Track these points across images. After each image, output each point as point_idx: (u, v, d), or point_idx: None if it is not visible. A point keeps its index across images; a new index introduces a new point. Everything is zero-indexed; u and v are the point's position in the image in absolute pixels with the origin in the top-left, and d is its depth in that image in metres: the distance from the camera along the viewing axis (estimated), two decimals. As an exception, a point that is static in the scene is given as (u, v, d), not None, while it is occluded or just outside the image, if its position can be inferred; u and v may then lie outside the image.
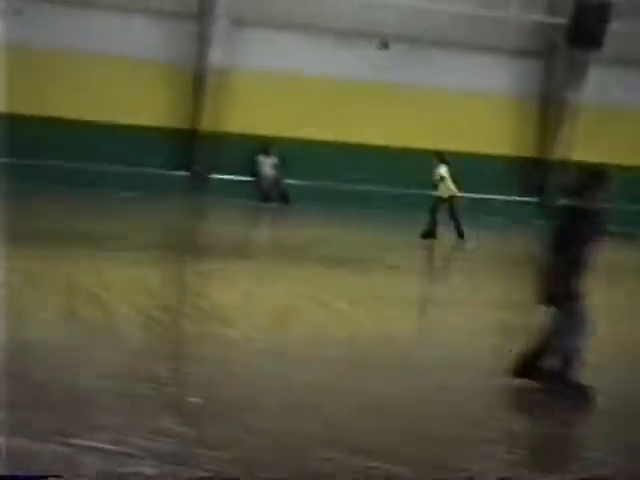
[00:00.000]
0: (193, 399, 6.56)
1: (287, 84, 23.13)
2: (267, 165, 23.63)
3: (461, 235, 18.29)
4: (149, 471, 5.10)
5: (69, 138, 22.00)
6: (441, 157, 18.50)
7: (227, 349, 8.22)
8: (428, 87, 23.91)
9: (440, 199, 18.29)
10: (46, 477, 4.29)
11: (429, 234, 18.07)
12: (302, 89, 23.28)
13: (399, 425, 6.48)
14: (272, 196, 23.61)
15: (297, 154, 22.97)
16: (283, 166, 23.31)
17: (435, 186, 18.39)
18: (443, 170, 18.26)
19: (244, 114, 22.94)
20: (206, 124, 23.32)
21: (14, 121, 21.31)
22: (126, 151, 22.31)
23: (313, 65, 23.14)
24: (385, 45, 23.88)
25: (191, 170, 23.35)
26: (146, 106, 22.74)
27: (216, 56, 22.88)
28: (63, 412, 5.99)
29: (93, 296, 9.78)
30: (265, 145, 23.48)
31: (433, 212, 18.15)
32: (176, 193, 22.58)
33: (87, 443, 5.41)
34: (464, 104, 24.03)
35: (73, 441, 5.44)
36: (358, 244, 16.92)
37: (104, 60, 22.17)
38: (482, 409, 7.09)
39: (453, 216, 18.31)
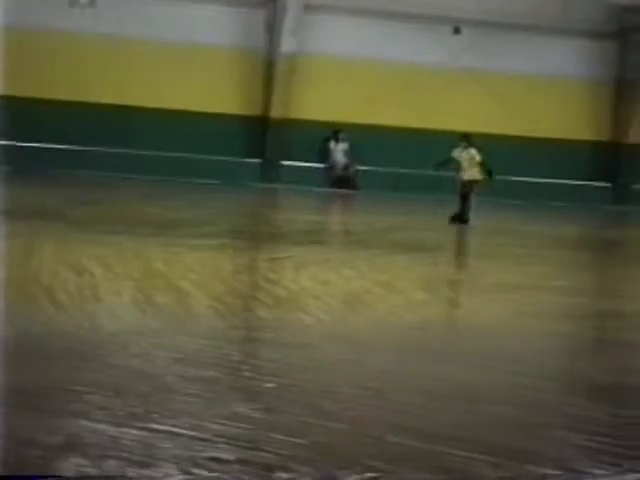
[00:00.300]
0: (267, 384, 6.59)
1: (359, 70, 23.09)
2: (338, 151, 23.61)
3: (465, 220, 17.68)
4: (225, 456, 5.13)
5: (144, 125, 22.21)
6: (469, 139, 18.23)
7: (301, 335, 8.24)
8: (502, 71, 23.72)
9: (465, 182, 17.95)
10: (46, 477, 4.32)
11: (459, 218, 17.72)
12: (374, 75, 23.21)
13: (474, 412, 6.44)
14: (343, 182, 23.61)
15: (368, 140, 22.94)
16: (354, 152, 23.27)
17: (459, 169, 18.06)
18: (474, 152, 17.97)
19: (315, 100, 22.97)
20: (277, 111, 23.37)
21: (102, 111, 21.59)
22: (198, 139, 22.47)
23: (385, 50, 23.06)
24: (459, 30, 23.70)
25: (262, 157, 23.42)
26: (217, 94, 22.87)
27: (287, 42, 22.91)
28: (141, 397, 6.05)
29: (168, 282, 9.88)
30: (336, 131, 23.46)
31: (463, 196, 17.88)
32: (248, 180, 22.69)
33: (165, 428, 5.46)
34: (538, 88, 23.78)
35: (152, 426, 5.49)
36: (431, 230, 16.86)
37: (176, 48, 22.31)
38: (561, 395, 7.02)
39: (466, 200, 17.79)
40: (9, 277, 9.54)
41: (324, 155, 23.65)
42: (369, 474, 5.03)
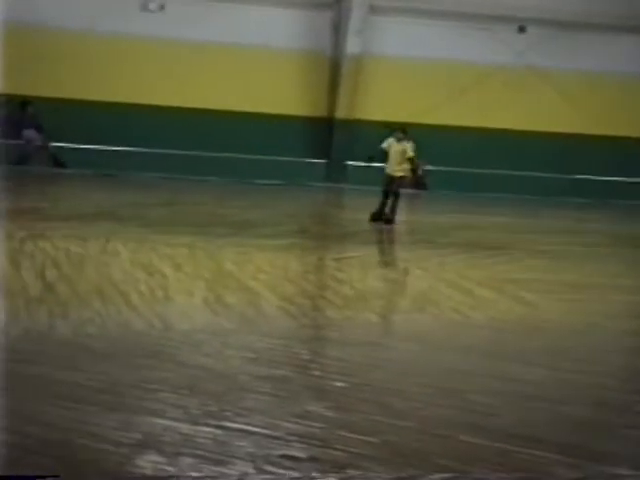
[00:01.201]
0: (337, 383, 6.62)
1: (424, 70, 23.04)
2: (403, 152, 23.56)
3: (389, 221, 15.95)
4: (298, 454, 5.17)
5: (210, 127, 22.37)
6: (405, 131, 16.34)
7: (369, 334, 8.27)
8: (567, 70, 23.51)
9: (393, 177, 16.08)
10: (45, 477, 4.37)
11: (378, 216, 16.13)
12: (439, 75, 23.15)
13: (544, 411, 6.40)
14: (408, 183, 23.55)
15: (433, 140, 22.87)
16: (420, 153, 23.23)
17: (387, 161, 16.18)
18: (408, 146, 16.14)
19: (380, 101, 22.96)
20: (342, 112, 23.40)
21: (167, 113, 21.82)
22: (263, 140, 22.57)
23: (450, 50, 22.98)
24: (524, 29, 23.55)
25: (328, 158, 23.46)
26: (283, 95, 22.96)
27: (352, 44, 22.92)
28: (215, 396, 6.12)
29: (239, 282, 9.96)
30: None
31: (387, 193, 16.03)
32: (313, 180, 22.74)
33: (238, 426, 5.53)
34: (603, 86, 23.54)
35: (225, 424, 5.56)
36: (498, 229, 16.77)
37: (242, 50, 22.44)
38: (632, 395, 6.95)
39: (388, 197, 15.97)
40: (84, 277, 9.69)
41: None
42: (442, 474, 5.04)
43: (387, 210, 15.90)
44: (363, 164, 23.04)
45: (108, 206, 15.67)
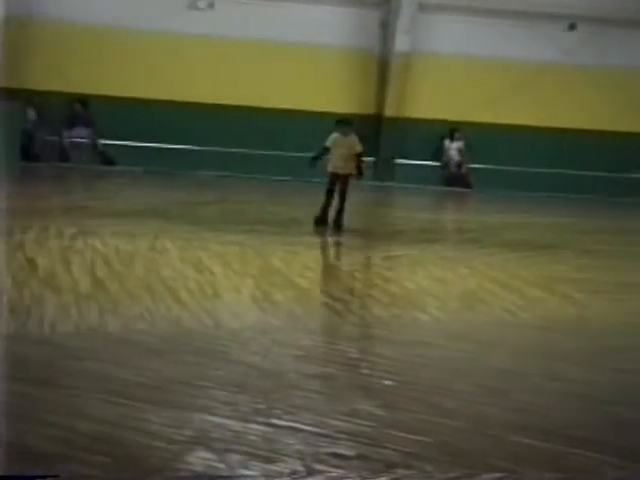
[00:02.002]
0: (386, 381, 6.60)
1: (473, 68, 22.93)
2: (453, 150, 23.48)
3: (339, 226, 14.22)
4: (347, 452, 5.16)
5: (258, 125, 22.42)
6: (351, 125, 14.62)
7: (417, 332, 8.23)
8: (618, 68, 23.28)
9: (338, 175, 14.32)
10: (45, 477, 4.36)
11: (321, 220, 14.34)
12: (488, 73, 23.03)
13: (594, 411, 6.34)
14: (457, 181, 23.48)
15: (484, 138, 22.77)
16: (470, 151, 23.12)
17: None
18: (354, 141, 14.41)
19: (429, 99, 22.90)
20: (391, 110, 23.35)
21: (214, 111, 21.92)
22: (312, 138, 22.53)
23: (499, 48, 22.85)
24: (574, 26, 23.35)
25: (376, 155, 23.42)
26: (332, 93, 22.95)
27: (401, 42, 22.87)
28: (263, 393, 6.13)
29: (287, 280, 9.96)
30: (453, 130, 23.35)
31: (330, 193, 14.33)
32: (364, 179, 22.71)
33: (287, 424, 5.52)
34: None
35: (274, 421, 5.56)
36: (549, 229, 16.64)
37: (290, 48, 22.46)
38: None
39: (330, 198, 14.26)
40: (133, 274, 9.74)
41: (439, 153, 23.56)
42: (492, 474, 5.01)
43: (334, 214, 14.07)
44: (412, 162, 23.08)
45: (158, 204, 15.76)
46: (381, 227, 16.17)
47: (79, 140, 21.74)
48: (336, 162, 14.29)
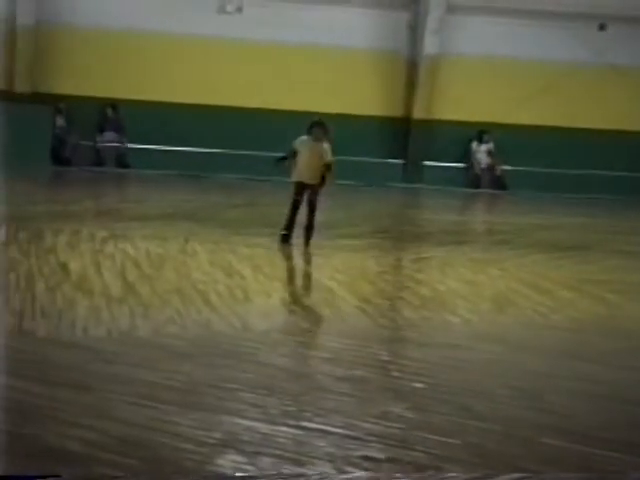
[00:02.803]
0: (416, 384, 6.59)
1: (502, 70, 22.86)
2: (482, 152, 23.41)
3: (308, 237, 12.22)
4: (377, 455, 5.15)
5: (285, 128, 22.44)
6: (326, 129, 12.33)
7: (447, 335, 8.21)
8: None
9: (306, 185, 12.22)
10: (45, 477, 4.37)
11: (286, 238, 12.28)
12: (517, 74, 22.94)
13: (624, 413, 6.31)
14: (487, 183, 23.40)
15: (514, 140, 22.68)
16: (498, 153, 23.04)
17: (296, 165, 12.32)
18: (326, 148, 12.27)
19: (458, 101, 22.84)
20: (419, 112, 23.31)
21: (243, 114, 21.99)
22: (340, 140, 22.52)
23: (529, 49, 22.76)
24: (604, 27, 23.22)
25: (405, 158, 23.38)
26: (360, 95, 22.94)
27: (430, 44, 22.83)
28: (293, 396, 6.13)
29: (316, 283, 9.97)
30: (480, 132, 23.28)
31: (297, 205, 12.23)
32: (390, 181, 22.69)
33: (317, 426, 5.52)
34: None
35: (304, 424, 5.56)
36: (579, 229, 16.55)
37: (319, 51, 22.48)
38: None
39: (312, 209, 12.18)
40: (163, 278, 9.78)
41: (467, 156, 23.50)
42: (516, 474, 4.99)
43: (303, 231, 12.10)
44: (442, 164, 23.04)
45: (188, 207, 15.81)
46: (410, 229, 16.14)
47: (109, 144, 21.85)
48: (302, 170, 12.06)
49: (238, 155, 21.84)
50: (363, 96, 23.00)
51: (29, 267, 9.68)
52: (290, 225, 12.12)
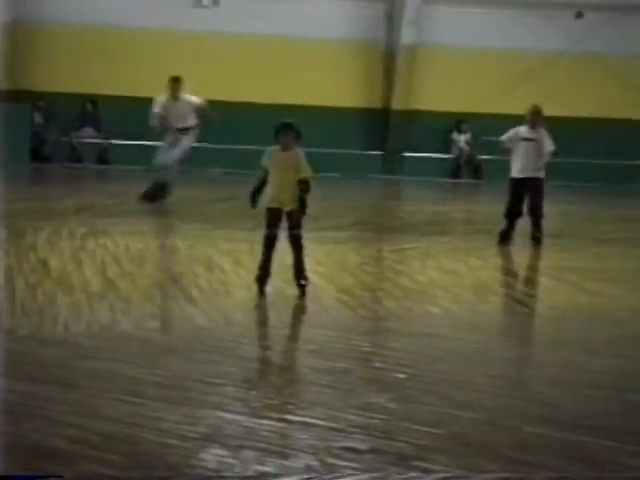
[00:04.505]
0: (399, 375, 6.59)
1: (479, 59, 22.87)
2: (461, 142, 23.44)
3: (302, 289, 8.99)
4: (360, 446, 5.15)
5: (262, 121, 22.40)
6: (299, 133, 9.32)
7: (429, 325, 8.22)
8: (624, 55, 23.17)
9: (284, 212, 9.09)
10: (46, 477, 4.36)
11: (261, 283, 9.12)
12: (495, 63, 22.97)
13: (611, 400, 6.32)
14: (466, 173, 23.44)
15: (491, 130, 22.69)
16: (477, 142, 23.07)
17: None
18: (301, 160, 9.09)
19: (436, 91, 22.83)
20: (398, 103, 23.31)
21: (220, 108, 21.94)
22: (318, 132, 22.50)
23: (505, 39, 22.78)
24: (581, 15, 23.26)
25: (384, 149, 23.39)
26: (338, 87, 22.91)
27: (407, 34, 22.82)
28: (276, 389, 6.13)
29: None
30: (457, 121, 23.30)
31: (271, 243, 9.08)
32: (369, 172, 22.69)
33: (300, 419, 5.51)
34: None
35: (287, 417, 5.55)
36: (559, 217, 16.49)
37: (295, 43, 22.44)
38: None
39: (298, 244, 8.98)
40: (144, 273, 9.75)
41: (447, 146, 23.51)
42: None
43: (293, 270, 9.00)
44: (420, 155, 23.04)
45: (168, 202, 15.75)
46: (390, 220, 16.16)
47: (88, 140, 21.75)
48: (275, 192, 8.98)
49: (218, 149, 21.78)
50: (341, 88, 22.98)
51: (9, 265, 9.63)
52: (265, 271, 8.91)
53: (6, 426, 5.19)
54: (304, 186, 8.87)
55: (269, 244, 8.90)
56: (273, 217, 8.92)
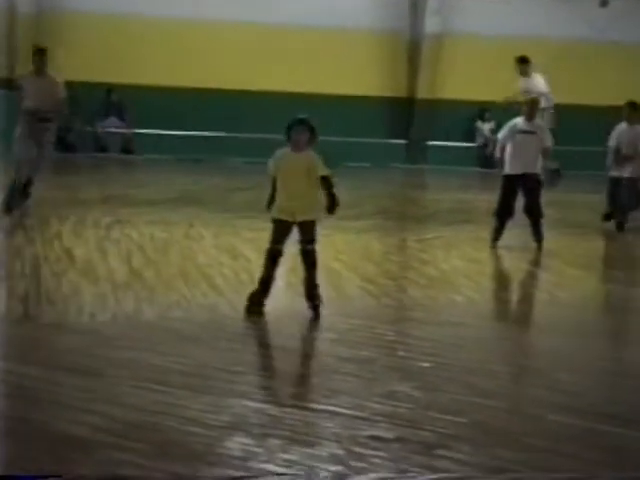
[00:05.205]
0: (423, 363, 6.58)
1: (502, 47, 22.73)
2: (485, 130, 23.35)
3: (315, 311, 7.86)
4: (385, 435, 5.14)
5: (287, 110, 22.39)
6: (313, 130, 7.99)
7: (453, 314, 8.20)
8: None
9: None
10: (46, 477, 4.37)
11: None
12: (519, 51, 22.80)
13: (631, 388, 6.29)
14: (490, 161, 23.34)
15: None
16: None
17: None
18: (313, 159, 7.88)
19: (460, 80, 22.73)
20: (422, 92, 23.25)
21: (239, 97, 21.96)
22: (342, 122, 22.48)
23: (530, 27, 22.65)
24: (605, 3, 23.11)
25: (408, 138, 23.33)
26: (362, 76, 22.86)
27: (431, 23, 22.75)
28: (300, 377, 6.13)
29: (321, 264, 9.92)
30: (481, 110, 23.22)
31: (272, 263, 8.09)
32: (393, 162, 22.65)
33: (325, 407, 5.51)
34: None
35: (312, 405, 5.55)
36: (587, 206, 16.39)
37: (320, 32, 22.40)
38: None
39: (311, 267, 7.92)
40: (169, 262, 9.77)
41: (471, 135, 23.42)
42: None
43: (305, 291, 7.86)
44: (444, 144, 22.99)
45: (192, 191, 15.79)
46: (414, 209, 16.10)
47: (112, 130, 21.80)
48: (286, 201, 7.87)
49: (242, 138, 21.79)
50: (365, 77, 22.92)
51: (34, 253, 9.68)
52: (264, 289, 7.77)
53: (29, 413, 5.22)
54: (328, 182, 7.80)
55: (273, 259, 7.78)
56: (281, 230, 7.78)
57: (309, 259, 7.77)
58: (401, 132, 23.34)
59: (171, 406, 5.42)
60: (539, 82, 18.06)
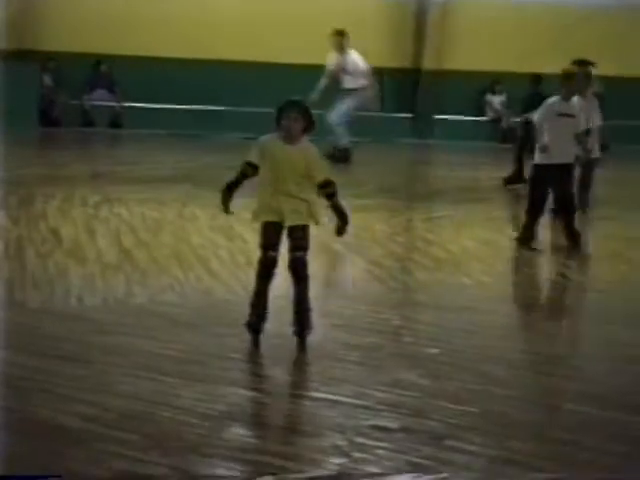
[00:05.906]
0: (431, 350, 6.59)
1: (514, 15, 22.70)
2: (495, 104, 23.30)
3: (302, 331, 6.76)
4: (390, 425, 5.15)
5: (289, 82, 22.35)
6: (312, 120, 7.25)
7: (462, 298, 8.20)
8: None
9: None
10: (46, 477, 4.40)
11: None
12: (531, 20, 22.77)
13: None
14: (501, 135, 23.30)
15: (526, 90, 22.55)
16: (511, 104, 22.91)
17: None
18: (313, 153, 6.78)
19: (469, 50, 22.66)
20: (429, 62, 23.19)
21: (240, 69, 21.93)
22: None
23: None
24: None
25: (414, 112, 23.29)
26: (366, 45, 22.79)
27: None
28: (300, 364, 6.13)
29: (323, 246, 9.92)
30: (492, 82, 23.16)
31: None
32: (399, 136, 22.60)
33: (326, 396, 5.52)
34: None
35: (312, 394, 5.56)
36: (605, 183, 16.38)
37: (320, 1, 22.36)
38: None
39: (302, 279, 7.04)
40: (161, 243, 9.77)
41: (480, 108, 23.36)
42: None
43: (294, 310, 6.76)
44: (452, 117, 22.94)
45: (185, 169, 15.77)
46: (421, 187, 16.11)
47: (101, 103, 21.75)
48: (272, 200, 6.88)
49: (237, 112, 21.75)
50: (369, 47, 22.84)
51: (18, 234, 9.68)
52: (260, 306, 6.74)
53: (16, 403, 5.23)
54: (330, 189, 6.72)
55: (266, 272, 6.72)
56: (271, 234, 6.72)
57: (298, 271, 6.74)
58: (407, 105, 23.28)
59: (165, 395, 5.43)
60: (356, 59, 18.24)
